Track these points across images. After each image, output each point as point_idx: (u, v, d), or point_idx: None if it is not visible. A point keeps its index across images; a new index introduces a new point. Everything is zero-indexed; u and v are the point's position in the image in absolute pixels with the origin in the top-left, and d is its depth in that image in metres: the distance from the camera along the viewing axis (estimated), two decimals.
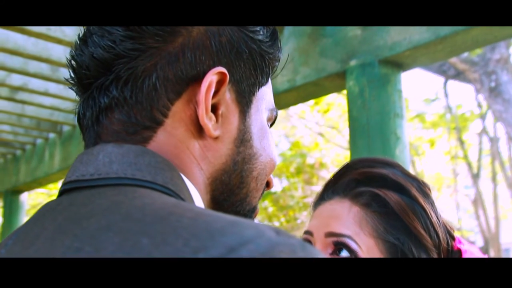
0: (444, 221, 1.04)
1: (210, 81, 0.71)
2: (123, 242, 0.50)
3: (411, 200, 0.99)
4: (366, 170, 1.05)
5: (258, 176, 0.81)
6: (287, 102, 2.89)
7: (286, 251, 0.48)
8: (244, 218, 0.80)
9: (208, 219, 0.52)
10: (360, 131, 2.34)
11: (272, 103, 0.85)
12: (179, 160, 0.71)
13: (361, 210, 1.00)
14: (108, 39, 0.70)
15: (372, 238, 0.97)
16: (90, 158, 0.67)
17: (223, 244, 0.47)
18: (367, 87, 2.33)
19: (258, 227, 0.51)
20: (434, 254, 0.98)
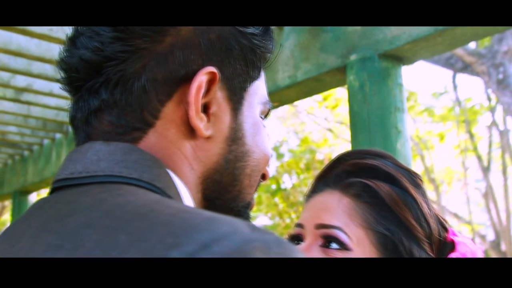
0: (437, 212, 1.04)
1: (200, 81, 0.70)
2: (102, 239, 0.50)
3: (402, 191, 0.99)
4: (356, 161, 1.04)
5: (252, 173, 0.80)
6: (289, 98, 2.89)
7: (260, 247, 0.48)
8: (237, 214, 0.81)
9: (186, 216, 0.52)
10: (361, 125, 2.33)
11: (265, 96, 0.85)
12: (169, 160, 0.71)
13: (352, 201, 0.99)
14: (96, 41, 0.70)
15: (362, 229, 0.97)
16: (79, 156, 0.67)
17: (196, 240, 0.47)
18: (367, 81, 2.32)
19: (233, 224, 0.51)
20: (425, 245, 0.97)
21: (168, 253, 0.46)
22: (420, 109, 10.65)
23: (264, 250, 0.48)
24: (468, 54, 7.08)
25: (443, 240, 1.02)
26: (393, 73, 2.33)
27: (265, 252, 0.48)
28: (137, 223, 0.51)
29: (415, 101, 10.53)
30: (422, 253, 0.97)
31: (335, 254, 0.95)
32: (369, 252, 0.96)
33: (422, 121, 11.16)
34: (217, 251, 0.46)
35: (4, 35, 3.03)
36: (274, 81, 2.77)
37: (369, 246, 0.96)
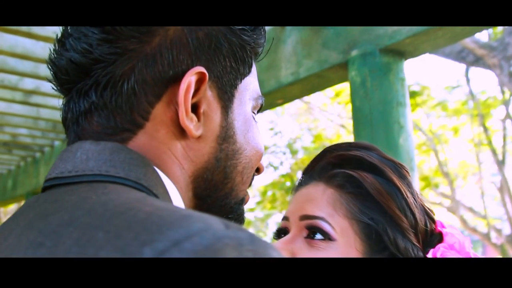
0: (424, 203, 1.04)
1: (189, 82, 0.71)
2: (81, 237, 0.51)
3: (386, 181, 0.99)
4: (341, 153, 1.05)
5: (244, 170, 0.81)
6: (292, 95, 2.89)
7: (232, 244, 0.48)
8: (230, 210, 0.81)
9: (163, 213, 0.52)
10: (363, 121, 2.32)
11: (257, 91, 0.85)
12: (159, 160, 0.72)
13: (336, 192, 1.00)
14: (84, 42, 0.70)
15: (346, 219, 0.97)
16: (69, 155, 0.68)
17: (169, 237, 0.47)
18: (369, 76, 2.31)
19: (207, 221, 0.51)
20: (410, 235, 0.97)
21: (142, 249, 0.47)
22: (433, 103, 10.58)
23: (236, 247, 0.48)
24: (479, 47, 7.02)
25: (430, 230, 1.02)
26: (394, 68, 2.31)
27: (236, 249, 0.48)
28: (116, 220, 0.51)
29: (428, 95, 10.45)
30: (407, 243, 0.96)
31: (319, 245, 0.95)
32: (353, 242, 0.96)
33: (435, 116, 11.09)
34: (188, 248, 0.46)
35: (9, 38, 3.06)
36: (277, 79, 2.77)
37: (353, 236, 0.96)
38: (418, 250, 0.98)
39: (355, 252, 0.95)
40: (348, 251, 0.95)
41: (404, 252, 0.96)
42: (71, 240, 0.51)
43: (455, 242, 1.01)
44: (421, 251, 0.99)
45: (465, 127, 10.95)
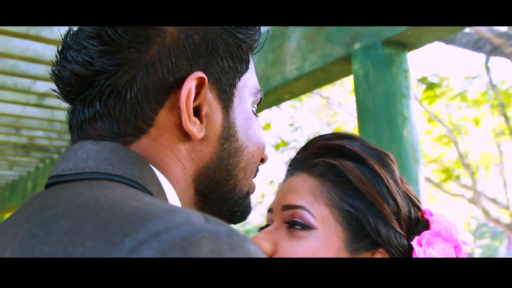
0: (409, 191, 1.04)
1: (189, 87, 0.73)
2: (71, 228, 0.53)
3: (367, 169, 0.99)
4: (323, 143, 1.05)
5: (246, 166, 0.83)
6: (298, 90, 2.89)
7: (209, 237, 0.50)
8: (234, 204, 0.84)
9: (149, 208, 0.55)
10: (367, 114, 2.32)
11: (256, 86, 0.87)
12: (161, 161, 0.74)
13: (316, 181, 1.00)
14: (85, 54, 0.73)
15: (327, 206, 0.97)
16: (71, 154, 0.71)
17: (150, 229, 0.49)
18: (372, 69, 2.31)
19: (188, 215, 0.53)
20: (393, 222, 0.97)
21: (123, 240, 0.49)
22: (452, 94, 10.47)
23: (213, 240, 0.50)
24: (496, 36, 6.93)
25: (414, 218, 1.02)
26: (397, 60, 2.31)
27: (213, 242, 0.50)
28: (105, 214, 0.54)
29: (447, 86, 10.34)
30: (390, 230, 0.97)
31: (300, 234, 0.96)
32: (334, 229, 0.96)
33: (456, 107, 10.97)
34: (166, 239, 0.48)
35: (20, 43, 3.11)
36: (282, 74, 2.78)
37: (334, 223, 0.96)
38: (401, 237, 0.98)
39: (336, 240, 0.96)
40: (329, 239, 0.96)
41: (386, 239, 0.96)
42: (61, 231, 0.53)
43: (441, 229, 1.01)
44: (404, 238, 0.98)
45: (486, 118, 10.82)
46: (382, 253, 0.97)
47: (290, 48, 2.76)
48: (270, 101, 3.02)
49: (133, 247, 0.48)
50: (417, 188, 2.21)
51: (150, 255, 0.47)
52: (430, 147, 10.80)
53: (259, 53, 2.99)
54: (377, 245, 0.97)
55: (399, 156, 2.20)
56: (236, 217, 0.88)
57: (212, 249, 0.49)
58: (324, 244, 0.95)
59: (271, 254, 0.98)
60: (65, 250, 0.50)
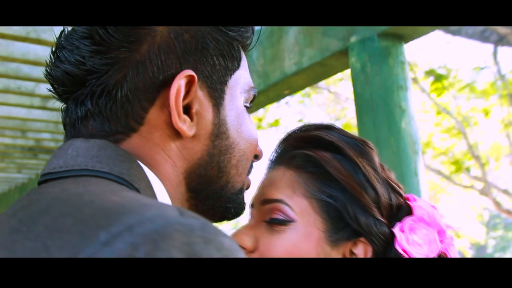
0: (389, 178, 1.03)
1: (178, 85, 0.74)
2: (52, 223, 0.54)
3: (344, 158, 0.99)
4: (300, 134, 1.05)
5: (238, 163, 0.84)
6: (298, 85, 2.89)
7: (182, 230, 0.50)
8: (227, 201, 0.85)
9: (127, 202, 0.56)
10: (365, 107, 2.32)
11: (248, 84, 0.87)
12: (151, 159, 0.75)
13: (294, 173, 1.00)
14: (77, 54, 0.74)
15: (305, 198, 0.97)
16: (62, 152, 0.72)
17: (124, 222, 0.50)
18: (368, 62, 2.31)
19: (163, 209, 0.54)
20: (373, 210, 0.97)
21: (98, 233, 0.49)
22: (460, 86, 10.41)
23: (186, 233, 0.50)
24: None
25: (396, 205, 1.01)
26: (393, 52, 2.30)
27: (186, 235, 0.50)
28: (85, 208, 0.55)
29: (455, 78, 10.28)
30: (370, 219, 0.96)
31: (279, 227, 0.96)
32: (313, 220, 0.96)
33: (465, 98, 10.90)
34: (139, 232, 0.49)
35: (21, 46, 3.14)
36: (281, 69, 2.79)
37: (313, 215, 0.96)
38: (381, 224, 0.97)
39: (316, 231, 0.95)
40: (308, 230, 0.95)
41: (366, 227, 0.96)
42: (43, 226, 0.54)
43: (423, 214, 1.00)
44: (386, 226, 0.98)
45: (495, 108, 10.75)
46: (364, 242, 0.97)
47: (288, 43, 2.76)
48: (270, 97, 3.02)
49: (106, 240, 0.49)
50: (416, 180, 2.20)
51: (122, 248, 0.48)
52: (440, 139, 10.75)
53: (258, 49, 2.99)
54: (358, 234, 0.96)
55: (398, 148, 2.20)
56: (230, 213, 0.88)
57: (184, 242, 0.50)
58: (304, 236, 0.95)
59: (252, 250, 0.98)
60: (43, 244, 0.51)
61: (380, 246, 0.97)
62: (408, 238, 0.96)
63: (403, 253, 0.95)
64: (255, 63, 3.00)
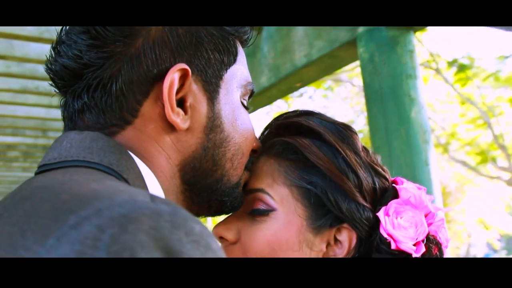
0: (373, 161, 1.01)
1: (172, 79, 0.75)
2: (31, 208, 0.56)
3: (324, 143, 0.97)
4: (280, 122, 1.04)
5: (233, 156, 0.85)
6: (309, 78, 2.88)
7: (149, 214, 0.51)
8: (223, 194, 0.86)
9: (104, 189, 0.57)
10: (374, 97, 2.30)
11: (246, 78, 0.88)
12: (145, 151, 0.77)
13: (275, 161, 0.99)
14: (75, 48, 0.76)
15: (285, 186, 0.96)
16: (57, 144, 0.74)
17: (94, 206, 0.51)
18: (376, 51, 2.29)
19: (134, 194, 0.55)
20: (355, 195, 0.95)
21: (68, 217, 0.50)
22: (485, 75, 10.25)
23: (153, 217, 0.51)
24: None
25: (380, 188, 0.99)
26: (402, 41, 2.28)
27: (153, 219, 0.51)
28: (64, 195, 0.56)
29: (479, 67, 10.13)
30: (351, 204, 0.95)
31: (260, 218, 0.96)
32: (294, 208, 0.95)
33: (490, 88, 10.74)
34: (106, 215, 0.50)
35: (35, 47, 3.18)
36: (292, 62, 2.78)
37: (294, 202, 0.95)
38: (365, 209, 0.96)
39: (298, 219, 0.95)
40: (289, 218, 0.95)
41: (349, 213, 0.94)
42: (22, 211, 0.55)
43: (410, 196, 0.98)
44: (369, 210, 0.96)
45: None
46: (347, 228, 0.95)
47: (297, 35, 2.76)
48: (282, 90, 3.02)
49: (75, 223, 0.49)
50: (427, 169, 2.18)
51: (89, 230, 0.48)
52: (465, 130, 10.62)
53: (269, 42, 2.99)
54: (341, 220, 0.95)
55: (408, 137, 2.18)
56: (226, 207, 0.89)
57: (151, 226, 0.50)
58: (284, 224, 0.95)
59: (234, 241, 0.98)
60: (20, 228, 0.53)
61: (364, 232, 0.96)
62: (394, 222, 0.95)
63: (388, 237, 0.94)
64: (266, 56, 2.99)
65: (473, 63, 9.71)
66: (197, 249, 0.53)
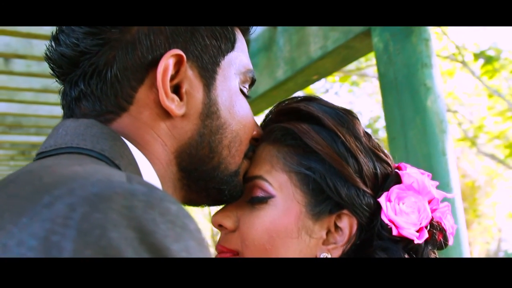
0: (374, 146, 0.99)
1: (166, 64, 0.75)
2: (14, 190, 0.56)
3: (323, 128, 0.96)
4: (280, 108, 1.03)
5: (230, 144, 0.84)
6: (325, 70, 2.85)
7: (122, 193, 0.51)
8: (222, 182, 0.85)
9: (83, 172, 0.57)
10: (389, 87, 2.26)
11: (245, 66, 0.88)
12: (141, 138, 0.77)
13: (274, 148, 0.98)
14: (73, 37, 0.76)
15: (284, 173, 0.95)
16: (54, 132, 0.75)
17: (68, 186, 0.52)
18: (391, 41, 2.26)
19: (110, 175, 0.55)
20: (355, 180, 0.94)
21: (43, 196, 0.51)
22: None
23: (126, 196, 0.51)
24: None
25: (382, 174, 0.98)
26: (416, 29, 2.24)
27: (126, 198, 0.51)
28: (46, 178, 0.56)
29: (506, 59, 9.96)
30: (351, 190, 0.93)
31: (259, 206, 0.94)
32: (293, 195, 0.94)
33: None
34: (78, 194, 0.50)
35: None
36: (307, 55, 2.76)
37: (293, 188, 0.94)
38: (365, 195, 0.94)
39: (296, 205, 0.93)
40: (288, 205, 0.94)
41: (348, 199, 0.93)
42: (6, 194, 0.56)
43: (413, 182, 0.97)
44: (370, 196, 0.95)
45: None
46: (348, 214, 0.94)
47: (312, 27, 2.73)
48: (299, 83, 3.00)
49: (48, 202, 0.50)
50: (445, 159, 2.14)
51: (60, 208, 0.48)
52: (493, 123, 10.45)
53: (284, 35, 2.97)
54: (341, 206, 0.94)
55: (424, 127, 2.14)
56: (224, 195, 0.88)
57: (124, 205, 0.50)
58: (283, 211, 0.93)
59: (233, 229, 0.97)
60: (0, 209, 0.53)
61: (365, 218, 0.94)
62: (395, 208, 0.93)
63: (390, 223, 0.92)
64: (282, 49, 2.98)
65: (500, 54, 9.55)
66: (172, 229, 0.52)
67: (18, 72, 3.66)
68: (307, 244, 0.93)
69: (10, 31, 2.99)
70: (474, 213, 12.50)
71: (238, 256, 0.96)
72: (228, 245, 0.97)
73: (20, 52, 3.26)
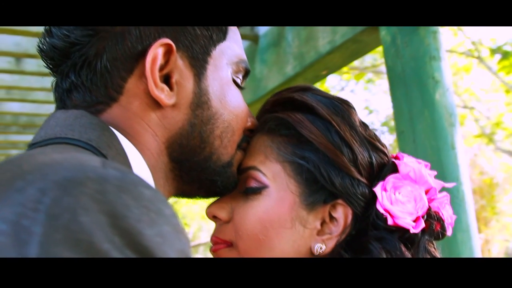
0: (370, 136, 0.98)
1: (154, 54, 0.75)
2: None
3: (317, 117, 0.95)
4: (275, 98, 1.02)
5: (222, 134, 0.84)
6: (334, 65, 2.83)
7: (95, 178, 0.51)
8: (215, 173, 0.85)
9: (63, 160, 0.56)
10: (397, 80, 2.24)
11: (237, 56, 0.87)
12: (131, 129, 0.76)
13: (268, 138, 0.97)
14: (64, 28, 0.77)
15: (278, 163, 0.94)
16: (45, 124, 0.75)
17: (42, 171, 0.51)
18: (398, 34, 2.23)
19: (85, 161, 0.55)
20: (350, 169, 0.92)
21: (16, 182, 0.51)
22: None
23: (99, 181, 0.51)
24: None
25: (377, 163, 0.97)
26: None
27: (99, 183, 0.50)
28: (26, 166, 0.56)
29: None
30: (345, 179, 0.92)
31: (253, 196, 0.94)
32: (286, 184, 0.93)
33: None
34: (51, 179, 0.50)
35: None
36: (316, 50, 2.74)
37: (286, 178, 0.93)
38: (360, 184, 0.93)
39: (290, 195, 0.92)
40: (282, 195, 0.93)
41: (342, 188, 0.92)
42: None
43: (409, 171, 0.95)
44: (365, 186, 0.94)
45: None
46: (342, 204, 0.93)
47: None
48: (308, 79, 2.98)
49: (21, 187, 0.49)
50: (454, 153, 2.11)
51: (32, 193, 0.48)
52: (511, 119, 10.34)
53: (292, 31, 2.96)
54: (335, 196, 0.92)
55: (432, 121, 2.12)
56: (217, 187, 0.88)
57: (96, 190, 0.49)
58: (277, 201, 0.92)
59: (227, 220, 0.96)
60: None
61: (360, 208, 0.93)
62: (391, 197, 0.92)
63: (385, 213, 0.91)
64: (291, 45, 2.96)
65: None
66: (147, 214, 0.52)
67: (30, 71, 3.68)
68: (301, 235, 0.92)
69: (21, 31, 3.01)
70: (493, 211, 12.36)
71: (232, 247, 0.95)
72: (222, 236, 0.97)
73: (31, 51, 3.28)
